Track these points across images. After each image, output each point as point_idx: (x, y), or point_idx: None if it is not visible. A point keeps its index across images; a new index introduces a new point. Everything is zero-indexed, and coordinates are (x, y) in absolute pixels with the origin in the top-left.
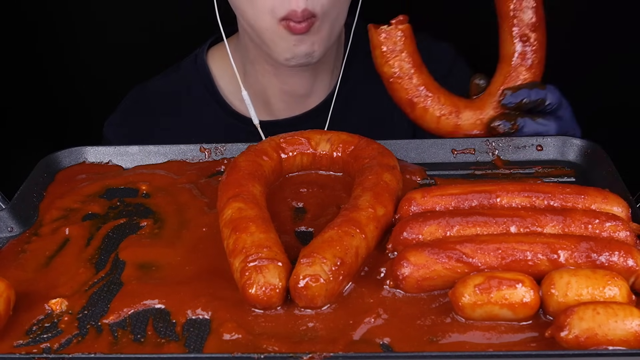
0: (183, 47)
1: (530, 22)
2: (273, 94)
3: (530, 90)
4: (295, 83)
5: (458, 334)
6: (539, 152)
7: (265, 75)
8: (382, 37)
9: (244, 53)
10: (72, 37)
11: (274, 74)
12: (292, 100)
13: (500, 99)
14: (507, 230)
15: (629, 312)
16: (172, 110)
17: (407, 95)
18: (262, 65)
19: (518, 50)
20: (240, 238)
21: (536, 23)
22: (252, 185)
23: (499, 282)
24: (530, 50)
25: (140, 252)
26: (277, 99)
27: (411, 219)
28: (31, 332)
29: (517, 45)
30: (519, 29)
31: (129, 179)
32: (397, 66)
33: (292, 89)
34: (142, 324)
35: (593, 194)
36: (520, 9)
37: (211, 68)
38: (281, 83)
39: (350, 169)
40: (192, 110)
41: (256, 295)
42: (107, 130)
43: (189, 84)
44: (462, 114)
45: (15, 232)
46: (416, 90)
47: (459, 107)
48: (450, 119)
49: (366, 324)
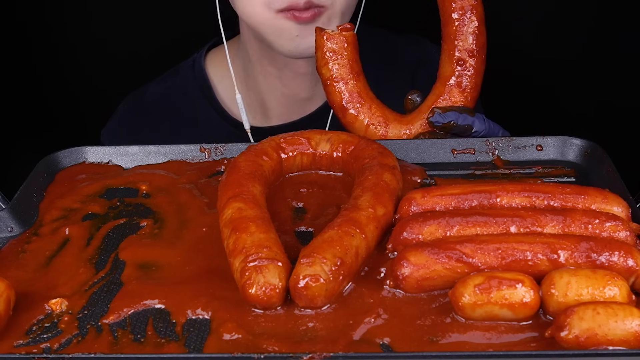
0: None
1: (470, 47)
2: (273, 97)
3: (459, 115)
4: (297, 86)
5: (458, 334)
6: (539, 152)
7: (268, 77)
8: (324, 39)
9: (246, 55)
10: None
11: (276, 77)
12: (291, 104)
13: (428, 116)
14: (507, 230)
15: (629, 312)
16: (169, 117)
17: (340, 100)
18: (264, 67)
19: (455, 73)
20: (240, 238)
21: (475, 49)
22: (252, 185)
23: (499, 282)
24: (467, 75)
25: (140, 252)
26: (277, 103)
27: (411, 219)
28: (31, 332)
29: (454, 68)
30: (459, 53)
31: (129, 179)
32: (335, 70)
33: (293, 92)
34: (142, 324)
35: (593, 194)
36: (462, 33)
37: (209, 72)
38: (283, 86)
39: (350, 169)
40: (189, 117)
41: (256, 295)
42: (105, 139)
43: (186, 90)
44: (390, 125)
45: (15, 232)
46: (349, 96)
47: (388, 119)
48: (378, 129)
49: (366, 324)
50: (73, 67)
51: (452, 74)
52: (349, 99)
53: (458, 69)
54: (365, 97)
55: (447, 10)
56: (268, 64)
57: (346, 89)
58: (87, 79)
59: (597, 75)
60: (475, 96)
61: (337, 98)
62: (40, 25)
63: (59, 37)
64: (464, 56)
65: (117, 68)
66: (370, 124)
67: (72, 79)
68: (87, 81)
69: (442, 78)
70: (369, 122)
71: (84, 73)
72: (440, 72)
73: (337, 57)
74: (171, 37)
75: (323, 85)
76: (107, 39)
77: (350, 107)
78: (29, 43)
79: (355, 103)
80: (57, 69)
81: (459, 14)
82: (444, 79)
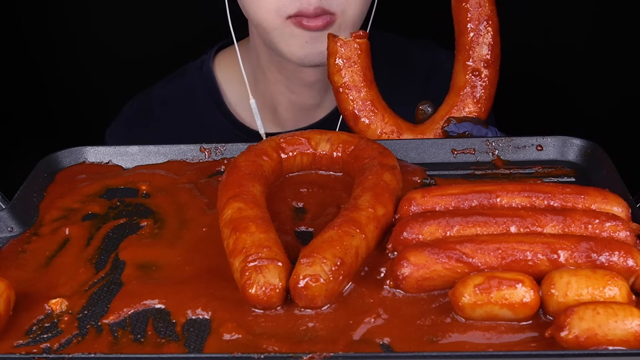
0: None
1: (485, 57)
2: (281, 102)
3: (474, 125)
4: (305, 94)
5: (458, 334)
6: (539, 152)
7: (276, 84)
8: (338, 45)
9: (254, 60)
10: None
11: (284, 84)
12: (299, 111)
13: (443, 125)
14: (507, 230)
15: (629, 312)
16: (175, 120)
17: (352, 108)
18: (273, 73)
19: (469, 83)
20: (240, 238)
21: (490, 60)
22: (252, 185)
23: (499, 282)
24: (481, 85)
25: (140, 252)
26: (285, 109)
27: (411, 219)
28: (31, 332)
29: (469, 78)
30: (474, 63)
31: (129, 179)
32: (347, 77)
33: (301, 101)
34: (142, 324)
35: (593, 194)
36: (477, 44)
37: (217, 75)
38: (290, 93)
39: (350, 169)
40: (196, 120)
41: (256, 295)
42: (109, 140)
43: (194, 92)
44: (403, 135)
45: (15, 232)
46: (362, 104)
47: (401, 128)
48: (390, 137)
49: (366, 324)
50: (73, 67)
51: (466, 84)
52: (361, 107)
53: (472, 79)
54: (378, 106)
55: (462, 20)
56: (276, 71)
57: (359, 97)
58: (87, 79)
59: (597, 75)
60: (488, 107)
61: (348, 106)
62: (40, 25)
63: (60, 37)
64: (479, 66)
65: (118, 68)
66: (382, 133)
67: (72, 79)
68: (87, 81)
69: (455, 88)
70: (381, 132)
71: (84, 73)
72: (454, 82)
73: (350, 64)
74: (171, 37)
75: (334, 93)
76: (108, 39)
77: (363, 116)
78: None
79: (367, 111)
80: (57, 69)
81: (475, 24)
82: (457, 88)
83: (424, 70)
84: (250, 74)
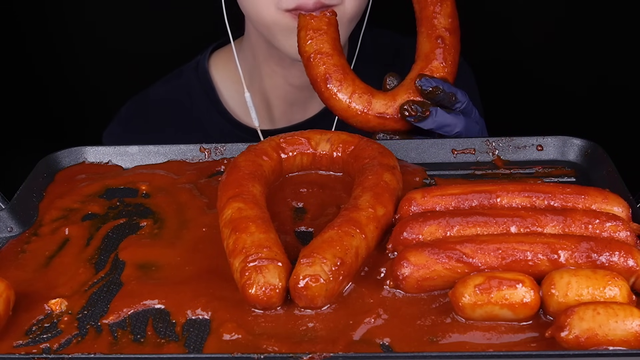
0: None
1: (447, 26)
2: (277, 97)
3: (444, 82)
4: (303, 83)
5: (458, 334)
6: (539, 152)
7: (273, 77)
8: (308, 18)
9: (249, 58)
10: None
11: (282, 75)
12: (294, 107)
13: (416, 81)
14: (507, 231)
15: (629, 312)
16: (173, 120)
17: (323, 72)
18: (271, 66)
19: (436, 49)
20: (240, 238)
21: (452, 28)
22: (252, 185)
23: (499, 282)
24: (447, 50)
25: (140, 252)
26: (280, 102)
27: (411, 219)
28: (31, 332)
29: (435, 44)
30: (437, 31)
31: (129, 179)
32: (318, 44)
33: (298, 89)
34: (142, 324)
35: (593, 194)
36: (440, 14)
37: (213, 75)
38: (288, 84)
39: (350, 169)
40: (193, 120)
41: (256, 295)
42: (106, 141)
43: (190, 92)
44: (374, 97)
45: (15, 232)
46: (333, 68)
47: (372, 93)
48: (363, 97)
49: (366, 324)
50: (73, 68)
51: (433, 49)
52: (332, 70)
53: (438, 44)
54: (348, 72)
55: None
56: (275, 64)
57: (330, 62)
58: (87, 79)
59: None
60: (454, 72)
61: (320, 70)
62: (40, 25)
63: (59, 37)
64: (443, 33)
65: (118, 68)
66: (354, 93)
67: (72, 79)
68: (87, 81)
69: (422, 55)
70: (352, 92)
71: (84, 73)
72: (420, 50)
73: (321, 34)
74: (171, 37)
75: (305, 64)
76: (108, 39)
77: (333, 79)
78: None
79: (338, 74)
80: (57, 69)
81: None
82: (424, 55)
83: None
84: (245, 71)
